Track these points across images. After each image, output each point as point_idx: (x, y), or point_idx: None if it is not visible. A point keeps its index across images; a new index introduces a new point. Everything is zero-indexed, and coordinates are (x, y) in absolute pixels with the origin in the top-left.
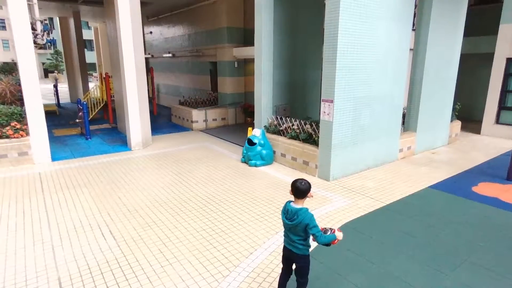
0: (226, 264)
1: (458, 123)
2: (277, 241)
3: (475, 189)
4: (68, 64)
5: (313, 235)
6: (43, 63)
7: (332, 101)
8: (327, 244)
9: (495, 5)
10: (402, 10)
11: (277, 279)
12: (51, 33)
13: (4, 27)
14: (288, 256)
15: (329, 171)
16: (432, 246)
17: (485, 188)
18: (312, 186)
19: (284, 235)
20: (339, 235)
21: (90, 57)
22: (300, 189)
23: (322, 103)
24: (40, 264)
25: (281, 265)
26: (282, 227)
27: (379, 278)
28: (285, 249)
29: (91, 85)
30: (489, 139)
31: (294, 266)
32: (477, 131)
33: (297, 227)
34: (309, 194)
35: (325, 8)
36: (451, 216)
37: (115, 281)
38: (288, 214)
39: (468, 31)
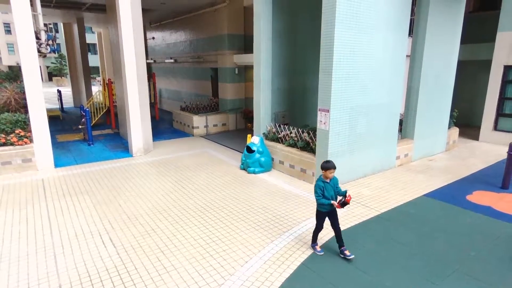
0: (221, 272)
1: (456, 130)
2: (272, 249)
3: (469, 197)
4: (71, 69)
5: None
6: (48, 67)
7: (328, 111)
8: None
9: (493, 12)
10: (399, 20)
11: (271, 287)
12: (55, 41)
13: (9, 31)
14: None
15: None
16: (424, 255)
17: (479, 197)
18: (309, 194)
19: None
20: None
21: (94, 60)
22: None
23: (318, 112)
24: (42, 271)
25: (276, 274)
26: (277, 236)
27: None
28: None
29: (94, 88)
30: (487, 145)
31: None
32: (476, 137)
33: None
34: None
35: (321, 20)
36: (444, 225)
37: None
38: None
39: (467, 38)
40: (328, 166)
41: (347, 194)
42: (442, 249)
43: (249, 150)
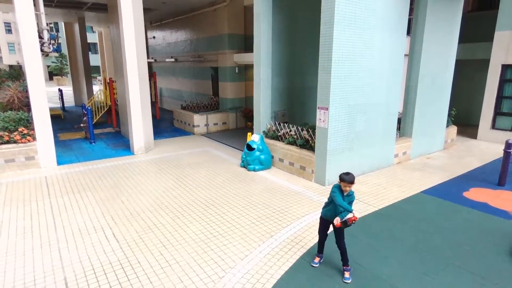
0: (222, 265)
1: (454, 128)
2: (271, 244)
3: (466, 194)
4: (72, 68)
5: None
6: (48, 66)
7: (327, 109)
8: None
9: (491, 12)
10: (397, 20)
11: (270, 280)
12: (57, 40)
13: (10, 31)
14: None
15: (324, 176)
16: (420, 250)
17: (476, 194)
18: (308, 191)
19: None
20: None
21: (94, 60)
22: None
23: (317, 110)
24: (47, 265)
25: (275, 267)
26: (277, 231)
27: (367, 281)
28: None
29: (95, 88)
30: (485, 144)
31: None
32: (474, 136)
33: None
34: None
35: (321, 19)
36: (440, 221)
37: (117, 282)
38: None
39: (465, 37)
40: (343, 178)
41: (352, 215)
42: (438, 244)
43: (249, 148)
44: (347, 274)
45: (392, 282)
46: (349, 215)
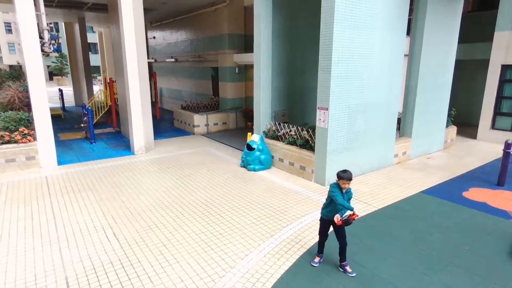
0: (222, 265)
1: (453, 129)
2: (271, 243)
3: (465, 194)
4: (73, 68)
5: None
6: (48, 66)
7: (327, 109)
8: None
9: (491, 12)
10: (397, 20)
11: (270, 280)
12: (58, 41)
13: (10, 31)
14: None
15: (324, 176)
16: (419, 249)
17: (475, 193)
18: (308, 191)
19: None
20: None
21: (95, 60)
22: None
23: (317, 110)
24: (48, 264)
25: (275, 266)
26: (277, 231)
27: (368, 281)
28: None
29: (95, 88)
30: (484, 144)
31: None
32: (474, 136)
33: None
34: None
35: (321, 19)
36: (440, 220)
37: (118, 281)
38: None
39: (465, 38)
40: (342, 175)
41: (353, 212)
42: (438, 243)
43: (250, 148)
44: (349, 268)
45: (391, 281)
46: (350, 213)
